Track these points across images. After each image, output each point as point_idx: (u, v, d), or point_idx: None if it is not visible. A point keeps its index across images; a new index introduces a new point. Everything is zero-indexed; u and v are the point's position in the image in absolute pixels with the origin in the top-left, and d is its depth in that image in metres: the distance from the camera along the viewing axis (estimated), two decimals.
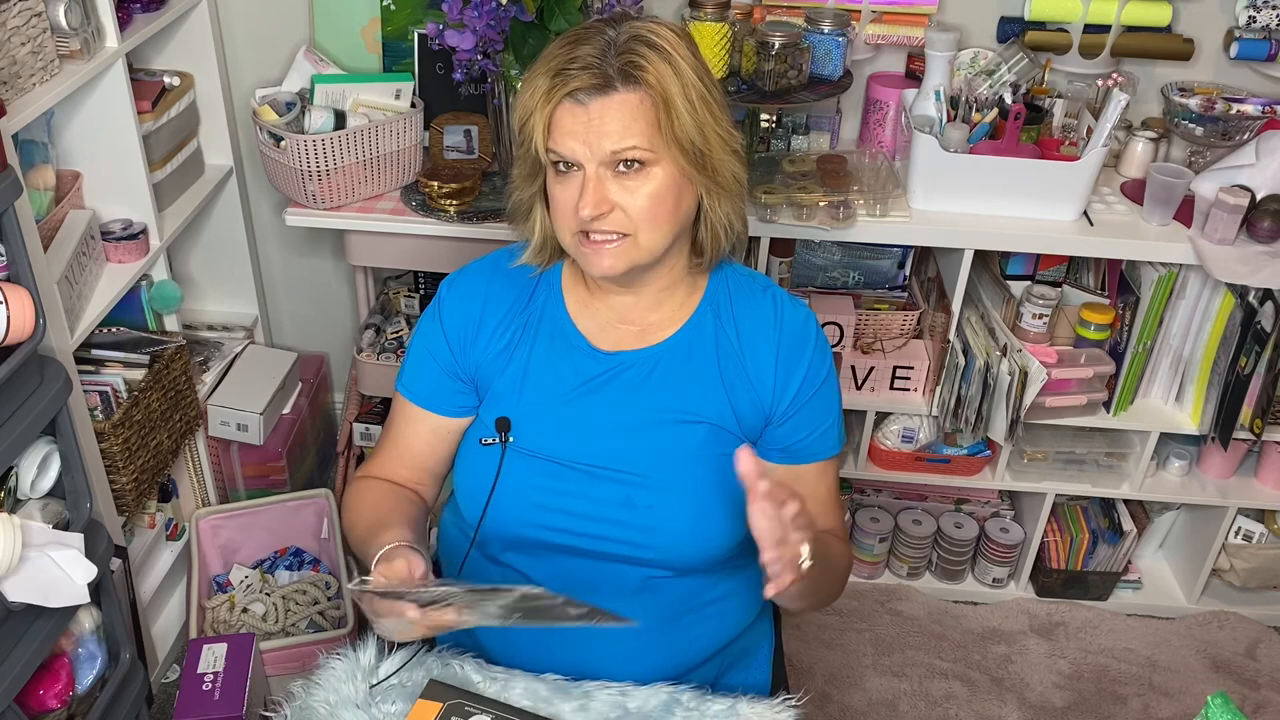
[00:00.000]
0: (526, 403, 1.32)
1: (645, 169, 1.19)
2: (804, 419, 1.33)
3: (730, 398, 1.31)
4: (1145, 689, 2.33)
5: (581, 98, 1.16)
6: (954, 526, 2.50)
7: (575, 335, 1.33)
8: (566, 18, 1.91)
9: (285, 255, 2.62)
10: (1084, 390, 2.22)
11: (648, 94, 1.17)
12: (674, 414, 1.30)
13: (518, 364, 1.33)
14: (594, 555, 1.32)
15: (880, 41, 2.24)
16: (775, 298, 1.35)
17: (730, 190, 1.27)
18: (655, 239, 1.22)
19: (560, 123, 1.18)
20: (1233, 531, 2.45)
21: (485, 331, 1.34)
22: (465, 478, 1.37)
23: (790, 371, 1.32)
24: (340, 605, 2.26)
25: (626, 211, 1.20)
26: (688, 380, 1.31)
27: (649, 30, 1.19)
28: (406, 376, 1.39)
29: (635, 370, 1.31)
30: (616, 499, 1.30)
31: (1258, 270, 1.99)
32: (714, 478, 1.30)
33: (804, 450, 1.35)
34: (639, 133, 1.17)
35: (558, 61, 1.17)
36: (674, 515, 1.29)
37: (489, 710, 1.20)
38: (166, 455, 2.12)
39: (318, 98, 2.11)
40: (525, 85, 1.21)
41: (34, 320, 1.45)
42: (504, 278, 1.37)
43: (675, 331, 1.32)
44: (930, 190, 2.08)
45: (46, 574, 1.43)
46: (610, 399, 1.31)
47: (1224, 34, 2.21)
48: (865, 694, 2.29)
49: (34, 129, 1.85)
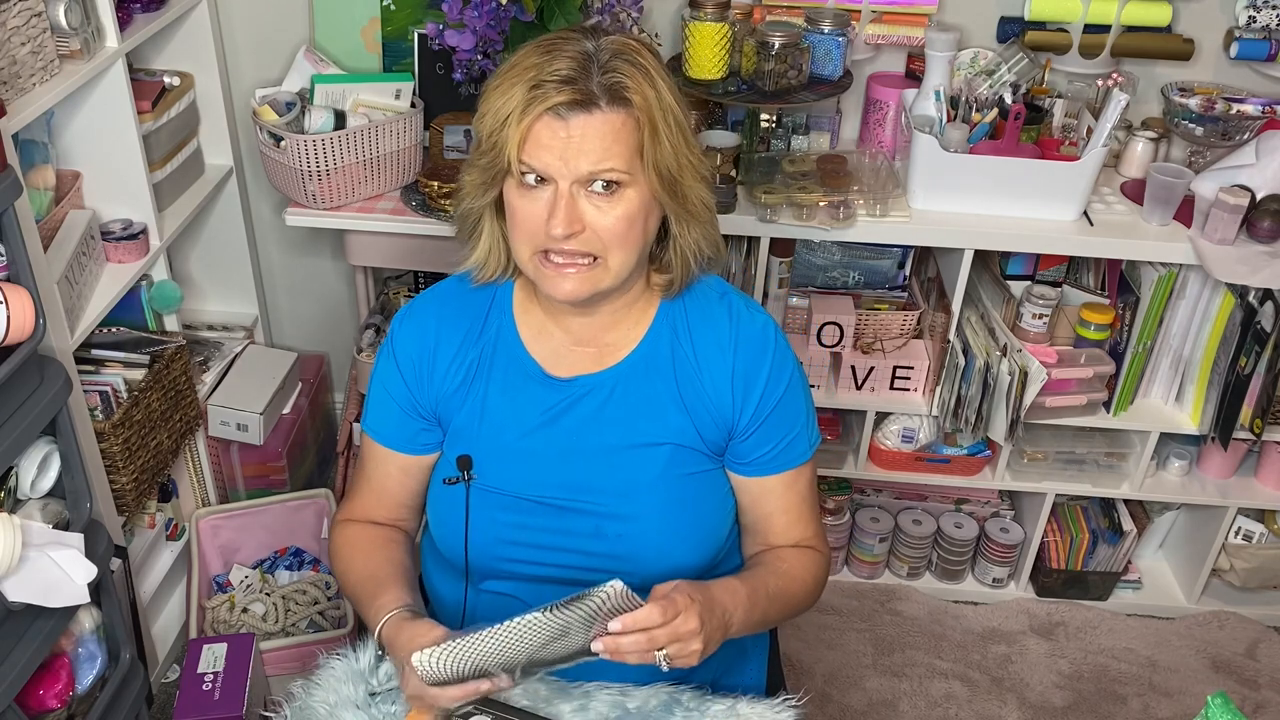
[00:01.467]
0: (486, 439, 1.30)
1: (620, 190, 1.15)
2: (766, 433, 1.30)
3: (691, 415, 1.28)
4: (1145, 689, 2.33)
5: (563, 112, 1.11)
6: (954, 526, 2.50)
7: (530, 364, 1.30)
8: (566, 18, 1.91)
9: (285, 255, 2.62)
10: (1084, 390, 2.22)
11: (631, 116, 1.13)
12: (635, 438, 1.28)
13: (475, 399, 1.30)
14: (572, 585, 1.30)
15: (880, 41, 2.24)
16: (730, 306, 1.31)
17: (699, 216, 1.23)
18: (624, 261, 1.19)
19: (538, 136, 1.12)
20: (1233, 531, 2.45)
21: (440, 366, 1.31)
22: (436, 516, 1.36)
23: (749, 387, 1.28)
24: (340, 605, 2.26)
25: (597, 232, 1.16)
26: (647, 401, 1.28)
27: (631, 49, 1.15)
28: (370, 417, 1.36)
29: (593, 395, 1.28)
30: (585, 530, 1.29)
31: (1258, 270, 1.99)
32: (681, 499, 1.29)
33: (769, 463, 1.32)
34: (619, 154, 1.13)
35: (537, 72, 1.12)
36: (644, 542, 1.28)
37: (489, 710, 1.20)
38: (166, 455, 2.12)
39: (318, 98, 2.11)
40: (497, 91, 1.15)
41: (34, 320, 1.45)
42: (455, 307, 1.33)
43: (631, 350, 1.29)
44: (930, 190, 2.07)
45: (46, 574, 1.43)
46: (570, 428, 1.28)
47: (1224, 34, 2.21)
48: (865, 694, 2.29)
49: (34, 129, 1.85)
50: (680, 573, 1.25)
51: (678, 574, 1.23)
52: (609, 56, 1.14)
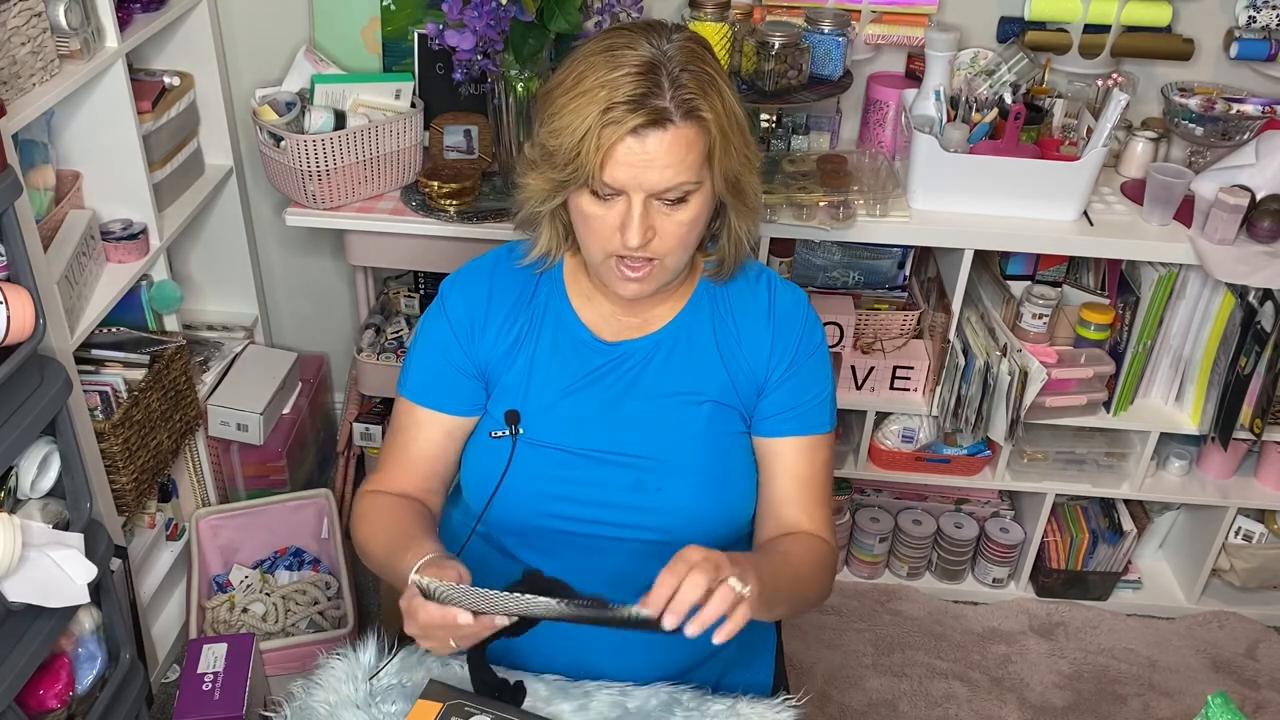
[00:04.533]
0: (534, 395, 1.34)
1: (687, 198, 1.21)
2: (791, 390, 1.34)
3: (728, 370, 1.33)
4: (1145, 689, 2.33)
5: (640, 132, 1.15)
6: (954, 526, 2.50)
7: (579, 328, 1.35)
8: (566, 18, 1.91)
9: (285, 255, 2.62)
10: (1084, 390, 2.22)
11: (703, 129, 1.18)
12: (677, 395, 1.32)
13: (524, 358, 1.35)
14: (606, 542, 1.32)
15: (880, 41, 2.24)
16: (769, 279, 1.39)
17: (754, 208, 1.30)
18: (682, 260, 1.26)
19: (614, 154, 1.16)
20: (1233, 531, 2.45)
21: (492, 326, 1.35)
22: (474, 472, 1.37)
23: (784, 339, 1.34)
24: (340, 605, 2.26)
25: (663, 237, 1.22)
26: (688, 360, 1.34)
27: (695, 57, 1.18)
28: (413, 381, 1.38)
29: (638, 357, 1.34)
30: (626, 483, 1.31)
31: (1258, 270, 1.99)
32: (720, 455, 1.33)
33: (791, 420, 1.34)
34: (690, 166, 1.18)
35: (609, 91, 1.15)
36: (683, 495, 1.31)
37: (489, 710, 1.20)
38: (166, 455, 2.12)
39: (318, 98, 2.11)
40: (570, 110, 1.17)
41: (34, 320, 1.45)
42: (505, 274, 1.38)
43: (674, 317, 1.35)
44: (930, 190, 2.07)
45: (46, 574, 1.43)
46: (615, 386, 1.33)
47: (1224, 34, 2.21)
48: (865, 694, 2.29)
49: (34, 129, 1.85)
50: (715, 529, 1.31)
51: (713, 530, 1.30)
52: (678, 69, 1.16)
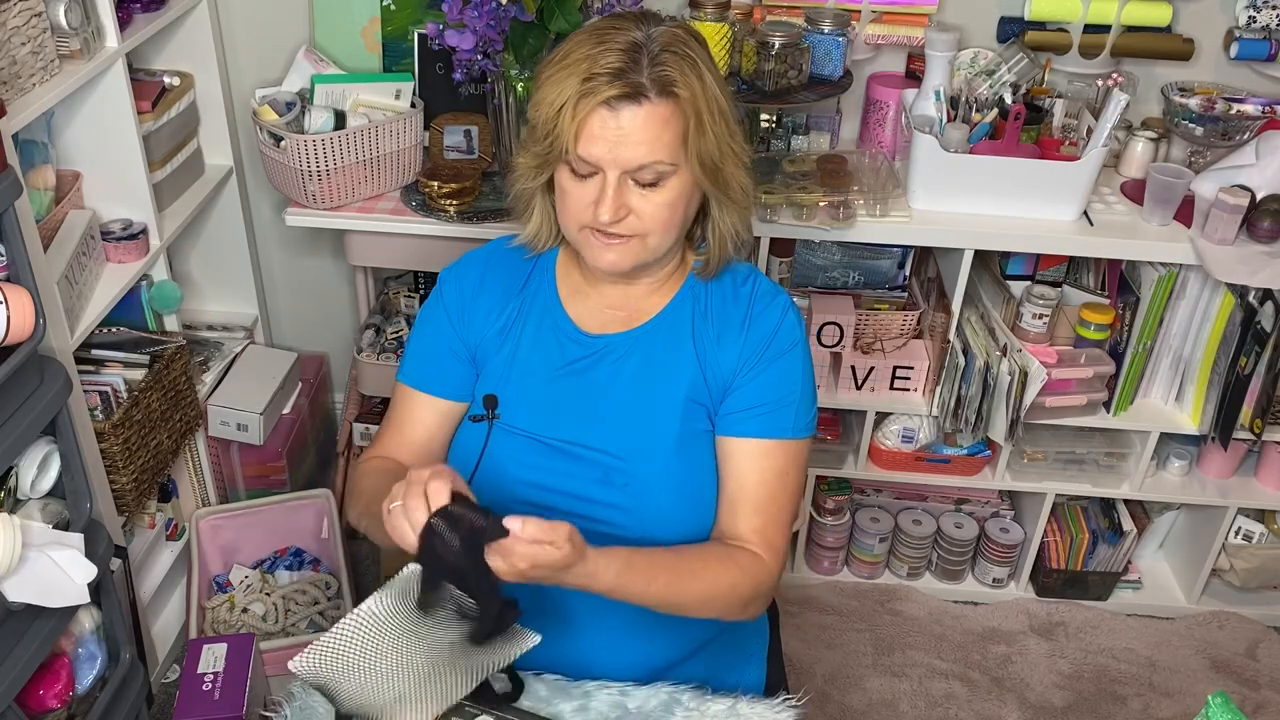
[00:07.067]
0: (514, 382, 1.35)
1: (664, 178, 1.21)
2: (759, 384, 1.31)
3: (702, 368, 1.33)
4: (1145, 689, 2.33)
5: (613, 104, 1.17)
6: (954, 526, 2.50)
7: (564, 319, 1.36)
8: (566, 18, 1.91)
9: (285, 255, 2.62)
10: (1084, 390, 2.22)
11: (679, 108, 1.18)
12: (652, 393, 1.33)
13: (510, 344, 1.37)
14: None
15: (880, 41, 2.24)
16: (755, 281, 1.37)
17: (738, 202, 1.29)
18: (664, 241, 1.26)
19: (589, 127, 1.18)
20: (1233, 531, 2.45)
21: (482, 307, 1.37)
22: (456, 454, 1.39)
23: (755, 337, 1.32)
24: (340, 605, 2.26)
25: (640, 217, 1.23)
26: (666, 357, 1.34)
27: (679, 41, 1.20)
28: (409, 366, 1.41)
29: (618, 351, 1.34)
30: (594, 477, 1.32)
31: (1258, 270, 1.99)
32: (689, 454, 1.32)
33: (748, 419, 1.31)
34: (665, 145, 1.19)
35: (589, 64, 1.17)
36: (650, 493, 1.31)
37: (489, 710, 1.20)
38: (166, 455, 2.12)
39: (318, 98, 2.11)
40: (551, 82, 1.20)
41: (34, 320, 1.45)
42: (500, 261, 1.40)
43: (659, 312, 1.35)
44: (930, 190, 2.07)
45: (46, 574, 1.43)
46: (593, 380, 1.34)
47: (1224, 34, 2.21)
48: (865, 694, 2.29)
49: (34, 129, 1.85)
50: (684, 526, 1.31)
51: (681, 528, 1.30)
52: (659, 49, 1.18)
